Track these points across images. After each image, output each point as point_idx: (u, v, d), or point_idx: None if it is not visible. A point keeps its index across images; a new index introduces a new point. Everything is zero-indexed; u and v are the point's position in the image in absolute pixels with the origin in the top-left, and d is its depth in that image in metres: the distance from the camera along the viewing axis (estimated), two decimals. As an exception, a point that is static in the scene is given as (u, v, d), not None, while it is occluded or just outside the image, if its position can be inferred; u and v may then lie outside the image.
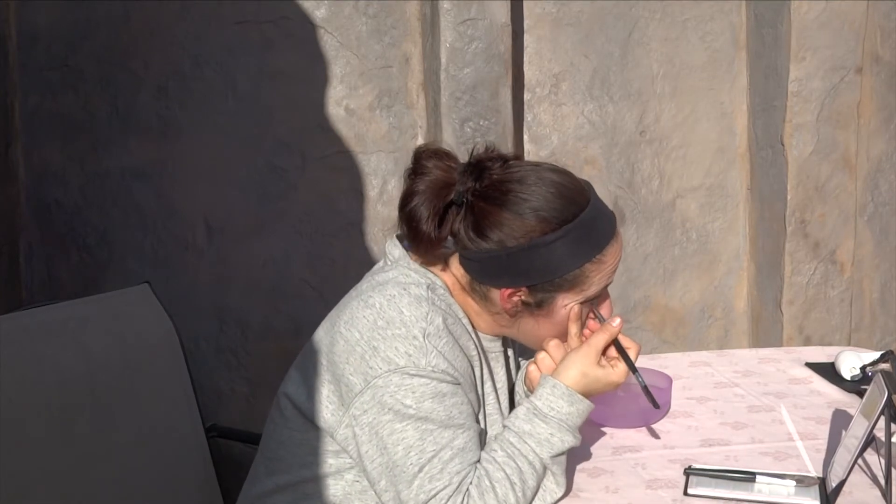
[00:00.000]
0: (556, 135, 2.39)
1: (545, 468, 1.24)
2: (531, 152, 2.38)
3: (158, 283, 1.84)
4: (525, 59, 2.35)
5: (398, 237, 1.35)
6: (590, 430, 1.61)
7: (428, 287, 1.27)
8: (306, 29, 2.27)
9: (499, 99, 2.21)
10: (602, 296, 1.36)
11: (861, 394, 1.44)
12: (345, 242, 2.32)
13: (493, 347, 1.39)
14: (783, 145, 2.29)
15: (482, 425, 1.32)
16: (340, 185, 2.33)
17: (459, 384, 1.22)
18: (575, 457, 1.51)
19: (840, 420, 1.53)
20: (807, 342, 2.25)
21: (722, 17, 2.42)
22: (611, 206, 2.47)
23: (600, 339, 1.31)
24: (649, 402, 1.36)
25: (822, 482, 1.32)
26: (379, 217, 2.35)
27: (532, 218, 1.24)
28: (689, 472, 1.39)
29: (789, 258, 2.31)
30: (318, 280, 2.34)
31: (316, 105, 2.29)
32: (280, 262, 2.34)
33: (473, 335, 1.32)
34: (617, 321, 1.34)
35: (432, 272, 1.31)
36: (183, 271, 2.30)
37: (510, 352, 1.46)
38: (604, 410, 1.65)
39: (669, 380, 1.68)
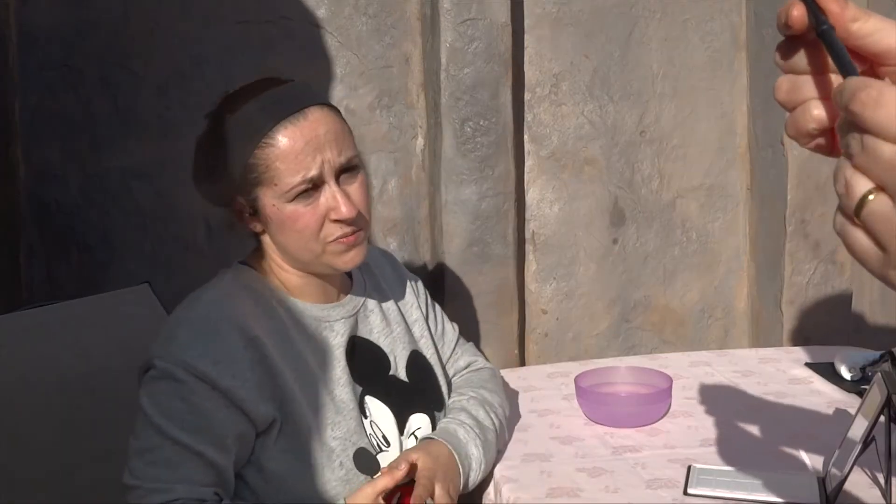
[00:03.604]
0: (556, 135, 2.39)
1: None
2: (531, 152, 2.38)
3: (158, 283, 1.84)
4: (525, 59, 2.35)
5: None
6: (590, 430, 1.61)
7: (220, 279, 1.34)
8: (306, 29, 2.27)
9: (499, 99, 2.21)
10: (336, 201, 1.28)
11: (861, 394, 1.44)
12: (345, 242, 2.32)
13: (324, 315, 1.37)
14: (783, 145, 2.29)
15: (302, 400, 1.28)
16: (340, 185, 2.33)
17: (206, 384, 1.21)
18: (575, 456, 1.51)
19: (840, 420, 1.53)
20: (807, 342, 2.25)
21: (722, 17, 2.42)
22: (611, 206, 2.49)
23: (380, 483, 1.26)
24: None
25: (822, 482, 1.32)
26: (379, 217, 2.35)
27: (203, 124, 1.32)
28: (689, 471, 1.39)
29: (789, 258, 2.31)
30: (318, 280, 2.34)
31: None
32: (280, 262, 2.34)
33: (282, 310, 1.33)
34: (401, 467, 1.27)
35: (251, 265, 1.38)
36: (183, 271, 2.30)
37: (370, 316, 1.44)
38: (604, 410, 1.65)
39: (669, 380, 1.68)
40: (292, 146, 1.25)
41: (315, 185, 1.26)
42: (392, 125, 2.33)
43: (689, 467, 1.40)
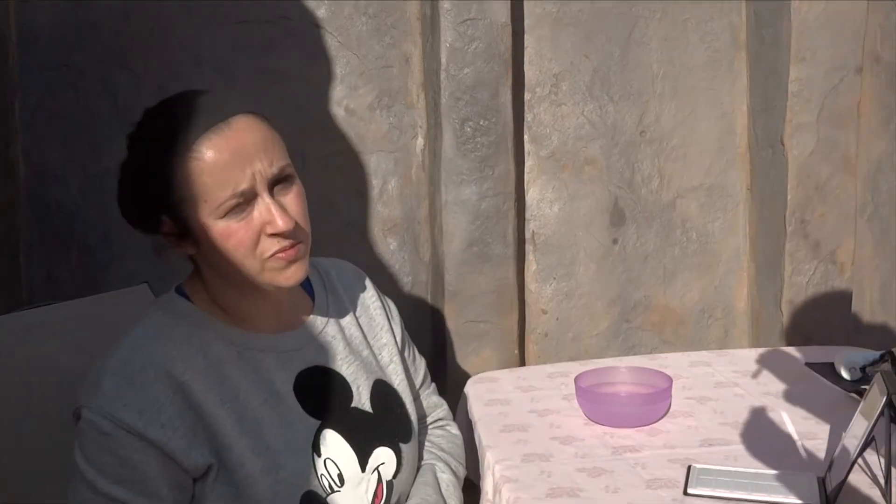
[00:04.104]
0: (556, 135, 2.39)
1: None
2: (531, 152, 2.38)
3: (158, 283, 1.84)
4: (525, 58, 2.35)
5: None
6: (590, 430, 1.61)
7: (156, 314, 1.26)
8: (306, 29, 2.27)
9: (499, 99, 2.21)
10: (269, 211, 1.20)
11: (861, 394, 1.44)
12: (345, 242, 2.32)
13: (272, 344, 1.30)
14: (783, 145, 2.29)
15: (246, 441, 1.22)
16: (340, 185, 2.33)
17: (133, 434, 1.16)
18: (575, 456, 1.51)
19: (840, 420, 1.53)
20: (807, 342, 2.25)
21: (722, 17, 2.42)
22: (611, 206, 2.49)
23: None
24: None
25: (822, 482, 1.32)
26: (379, 217, 2.35)
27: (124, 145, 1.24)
28: (689, 471, 1.39)
29: (789, 258, 2.31)
30: (318, 280, 2.34)
31: (316, 105, 2.29)
32: (280, 262, 2.34)
33: (220, 344, 1.26)
34: None
35: (187, 292, 1.29)
36: (183, 271, 2.29)
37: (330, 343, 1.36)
38: (604, 410, 1.65)
39: (669, 380, 1.68)
40: (218, 159, 1.16)
41: (247, 199, 1.17)
42: (392, 125, 2.33)
43: (689, 467, 1.40)
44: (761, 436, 1.53)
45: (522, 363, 2.37)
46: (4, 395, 1.53)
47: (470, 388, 1.89)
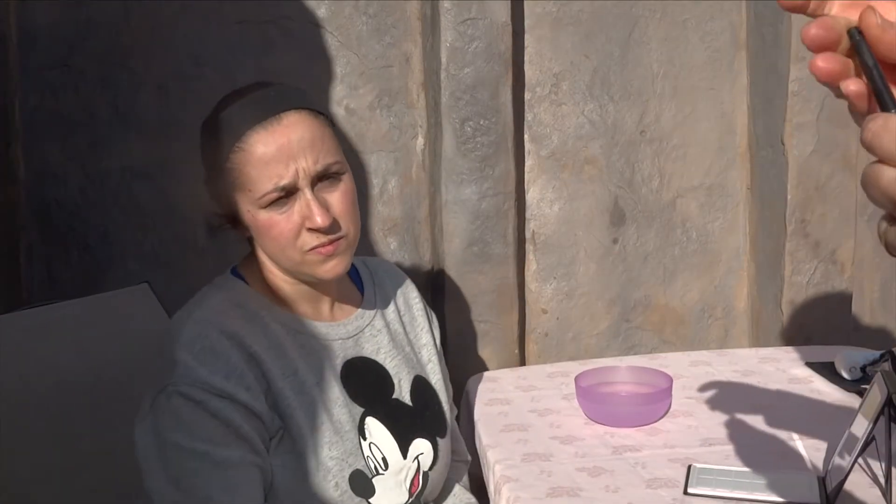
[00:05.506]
0: (556, 134, 2.39)
1: None
2: (531, 151, 2.38)
3: (158, 283, 1.84)
4: (525, 58, 2.35)
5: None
6: (590, 430, 1.61)
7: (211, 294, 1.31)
8: (306, 29, 2.27)
9: (499, 98, 2.21)
10: (309, 207, 1.24)
11: (861, 394, 1.44)
12: (345, 242, 2.32)
13: (321, 332, 1.33)
14: (783, 145, 2.29)
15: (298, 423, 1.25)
16: (340, 184, 2.33)
17: None
18: (575, 456, 1.51)
19: (840, 420, 1.53)
20: (807, 342, 2.25)
21: (722, 16, 2.42)
22: (611, 206, 2.48)
23: None
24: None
25: (822, 482, 1.32)
26: (379, 217, 2.35)
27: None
28: (689, 471, 1.39)
29: (789, 258, 2.31)
30: (318, 280, 2.34)
31: (316, 105, 2.29)
32: (280, 262, 2.34)
33: (277, 326, 1.30)
34: None
35: (242, 274, 1.34)
36: (183, 271, 2.30)
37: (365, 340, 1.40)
38: (604, 410, 1.65)
39: (669, 379, 1.69)
40: (264, 152, 1.21)
41: (289, 193, 1.23)
42: (392, 125, 2.33)
43: (689, 467, 1.40)
44: (761, 436, 1.53)
45: (522, 363, 2.37)
46: (4, 395, 1.53)
47: (470, 388, 1.89)
